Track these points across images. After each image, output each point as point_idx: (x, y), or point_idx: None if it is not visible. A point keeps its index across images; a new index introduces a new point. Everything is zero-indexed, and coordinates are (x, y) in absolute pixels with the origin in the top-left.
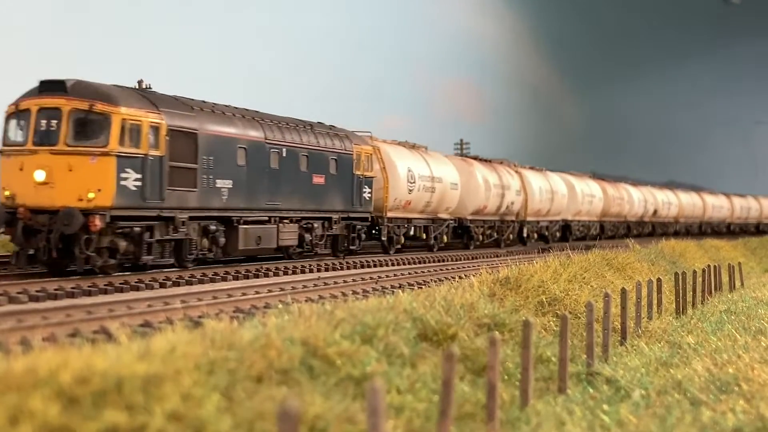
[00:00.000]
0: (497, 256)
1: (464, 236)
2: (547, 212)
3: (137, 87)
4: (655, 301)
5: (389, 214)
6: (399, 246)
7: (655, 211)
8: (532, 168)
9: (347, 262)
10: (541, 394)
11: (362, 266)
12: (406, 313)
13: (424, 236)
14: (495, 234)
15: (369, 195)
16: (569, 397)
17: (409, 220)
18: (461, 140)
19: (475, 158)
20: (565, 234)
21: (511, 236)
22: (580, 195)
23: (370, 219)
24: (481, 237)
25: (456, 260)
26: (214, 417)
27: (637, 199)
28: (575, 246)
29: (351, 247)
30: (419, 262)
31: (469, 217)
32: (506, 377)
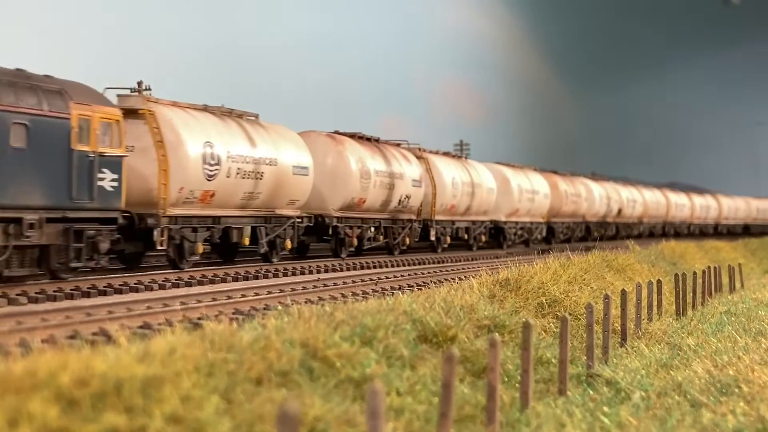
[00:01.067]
0: (497, 257)
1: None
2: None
3: (137, 88)
4: (655, 303)
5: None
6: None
7: (620, 211)
8: (447, 154)
9: (347, 263)
10: (541, 395)
11: (362, 267)
12: (406, 315)
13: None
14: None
15: (114, 184)
16: (569, 399)
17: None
18: (461, 141)
19: (351, 135)
20: (499, 238)
21: (407, 240)
22: (516, 190)
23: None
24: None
25: (456, 261)
26: (214, 419)
27: (599, 197)
28: (513, 252)
29: (74, 264)
30: (419, 264)
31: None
32: (506, 379)
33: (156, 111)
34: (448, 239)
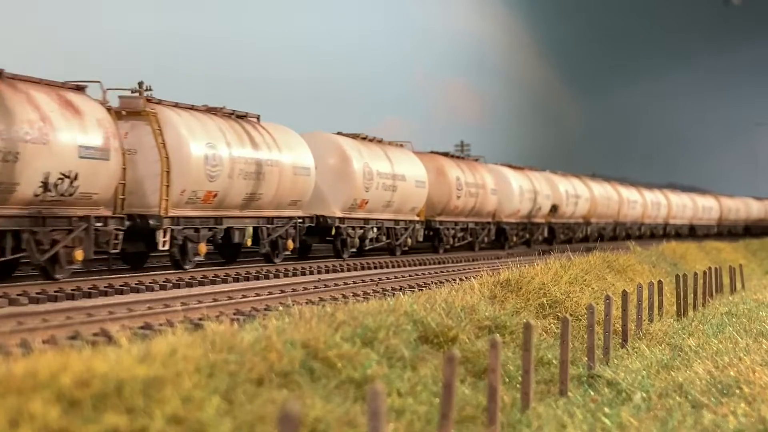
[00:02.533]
0: (498, 258)
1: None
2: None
3: (137, 89)
4: (656, 304)
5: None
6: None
7: (555, 208)
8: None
9: (348, 264)
10: (542, 396)
11: (363, 268)
12: (407, 316)
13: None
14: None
15: None
16: (570, 400)
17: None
18: (461, 142)
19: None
20: (336, 245)
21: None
22: (361, 176)
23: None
24: None
25: (456, 262)
26: (215, 420)
27: (519, 190)
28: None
29: None
30: (420, 264)
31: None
32: (507, 380)
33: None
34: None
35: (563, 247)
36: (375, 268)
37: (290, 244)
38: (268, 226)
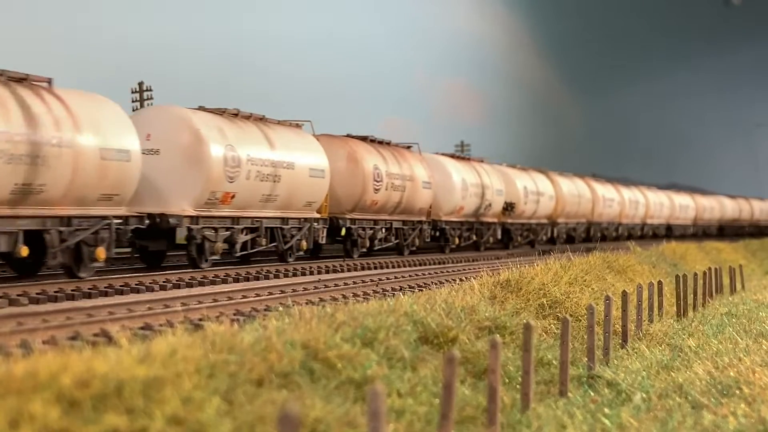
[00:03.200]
0: (498, 258)
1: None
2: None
3: (138, 89)
4: (656, 304)
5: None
6: (453, 246)
7: (510, 207)
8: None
9: (348, 265)
10: (542, 397)
11: (363, 268)
12: (407, 316)
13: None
14: None
15: None
16: (570, 401)
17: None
18: (462, 142)
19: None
20: (201, 249)
21: (417, 241)
22: (221, 162)
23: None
24: None
25: (457, 263)
26: (215, 420)
27: (461, 184)
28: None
29: None
30: (420, 265)
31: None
32: (507, 380)
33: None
34: (457, 240)
35: (525, 249)
36: (375, 268)
37: (303, 244)
38: (284, 226)
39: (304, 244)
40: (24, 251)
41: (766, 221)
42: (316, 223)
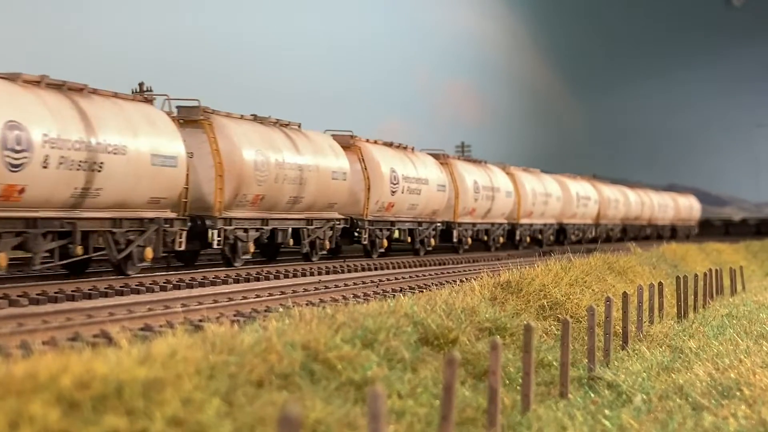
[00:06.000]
0: (498, 260)
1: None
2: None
3: (138, 89)
4: (656, 305)
5: (459, 220)
6: (467, 246)
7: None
8: (468, 159)
9: (348, 266)
10: (543, 398)
11: (363, 269)
12: (407, 317)
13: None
14: None
15: None
16: (571, 402)
17: (474, 224)
18: (462, 143)
19: (374, 142)
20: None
21: (433, 241)
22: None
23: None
24: None
25: (457, 263)
26: (215, 422)
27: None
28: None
29: None
30: (420, 266)
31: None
32: (507, 382)
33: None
34: (469, 240)
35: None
36: (375, 269)
37: (327, 244)
38: (308, 227)
39: (327, 243)
40: (291, 242)
41: (664, 219)
42: (337, 224)
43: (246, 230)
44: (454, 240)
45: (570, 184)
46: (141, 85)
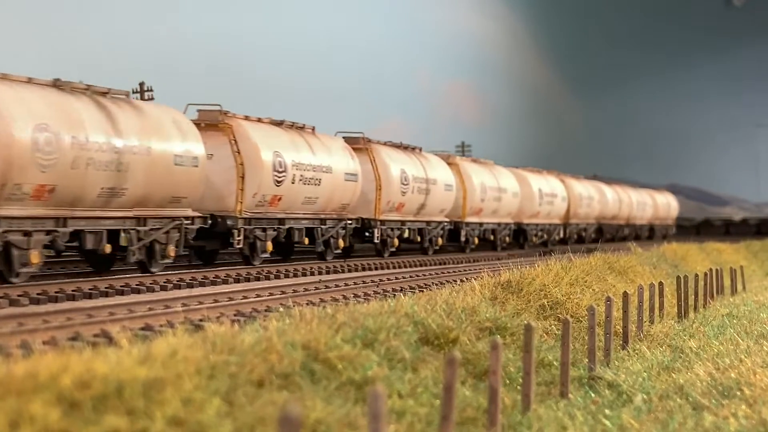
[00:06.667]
0: (498, 259)
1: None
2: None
3: (138, 89)
4: (657, 305)
5: (467, 219)
6: (473, 246)
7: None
8: (475, 160)
9: (348, 265)
10: (543, 398)
11: (363, 269)
12: (408, 317)
13: (492, 237)
14: None
15: None
16: (571, 402)
17: (481, 224)
18: (462, 143)
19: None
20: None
21: (440, 240)
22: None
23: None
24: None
25: (457, 263)
26: (215, 421)
27: (480, 187)
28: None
29: None
30: (421, 265)
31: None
32: (508, 381)
33: (233, 125)
34: (476, 240)
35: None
36: (376, 269)
37: (341, 242)
38: (322, 226)
39: (341, 242)
40: (306, 241)
41: (642, 219)
42: (349, 223)
43: (264, 230)
44: (462, 239)
45: (531, 179)
46: (141, 84)
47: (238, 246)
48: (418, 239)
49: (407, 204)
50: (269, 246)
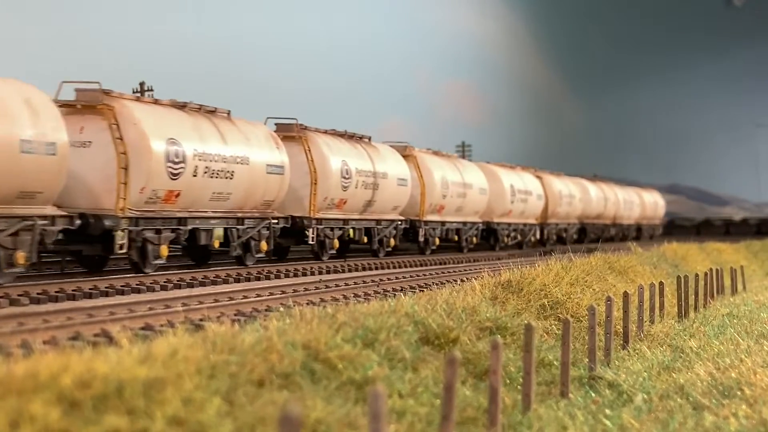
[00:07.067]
0: (499, 259)
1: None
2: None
3: (139, 89)
4: (657, 305)
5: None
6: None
7: None
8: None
9: (349, 265)
10: (544, 398)
11: (364, 269)
12: (408, 317)
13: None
14: None
15: None
16: (571, 402)
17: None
18: (463, 143)
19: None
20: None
21: (437, 241)
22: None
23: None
24: None
25: (458, 263)
26: (215, 421)
27: (510, 189)
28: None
29: None
30: (421, 265)
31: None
32: (508, 381)
33: (308, 136)
34: (437, 240)
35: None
36: (376, 269)
37: (263, 245)
38: (378, 227)
39: (263, 245)
40: (365, 239)
41: (629, 218)
42: (399, 224)
43: (332, 229)
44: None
45: (502, 175)
46: (142, 84)
47: (312, 242)
48: (365, 240)
49: (350, 200)
50: (336, 243)
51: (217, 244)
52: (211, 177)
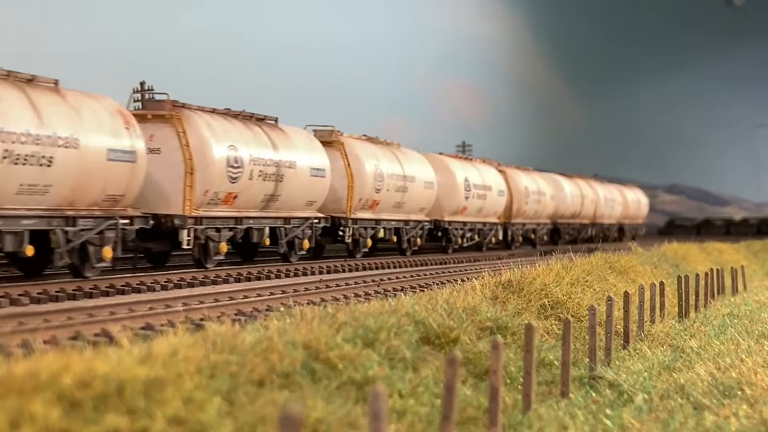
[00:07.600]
0: (500, 259)
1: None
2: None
3: (139, 89)
4: (657, 305)
5: (354, 215)
6: (366, 249)
7: None
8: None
9: (349, 265)
10: (544, 398)
11: (364, 269)
12: (408, 317)
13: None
14: None
15: None
16: (572, 402)
17: (377, 222)
18: (463, 142)
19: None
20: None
21: (460, 241)
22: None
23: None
24: None
25: (458, 263)
26: (216, 421)
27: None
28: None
29: None
30: (421, 265)
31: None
32: (508, 381)
33: (344, 142)
34: (369, 241)
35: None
36: (376, 269)
37: (306, 243)
38: (406, 227)
39: (418, 240)
40: (394, 239)
41: (611, 218)
42: (425, 225)
43: (365, 228)
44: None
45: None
46: (142, 84)
47: (347, 241)
48: (477, 237)
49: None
50: (368, 242)
51: (267, 242)
52: (264, 180)
